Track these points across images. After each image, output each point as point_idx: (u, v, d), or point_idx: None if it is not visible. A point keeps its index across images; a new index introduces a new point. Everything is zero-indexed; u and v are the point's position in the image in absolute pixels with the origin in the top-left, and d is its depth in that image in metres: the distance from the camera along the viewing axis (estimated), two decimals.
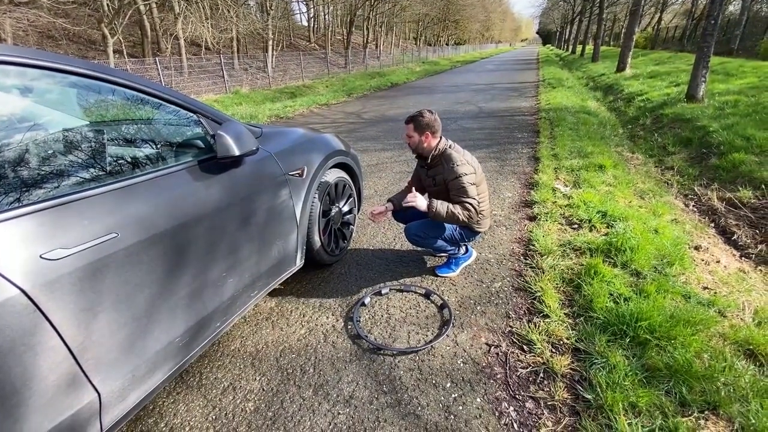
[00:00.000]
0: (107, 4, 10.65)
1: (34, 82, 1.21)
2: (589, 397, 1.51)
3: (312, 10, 24.97)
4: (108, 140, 1.54)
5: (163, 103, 1.48)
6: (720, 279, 2.32)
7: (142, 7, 11.71)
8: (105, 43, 9.64)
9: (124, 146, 1.59)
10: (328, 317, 2.09)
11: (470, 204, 2.03)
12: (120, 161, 1.42)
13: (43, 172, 1.16)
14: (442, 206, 2.04)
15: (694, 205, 3.65)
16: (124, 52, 12.43)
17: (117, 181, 1.25)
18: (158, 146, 1.61)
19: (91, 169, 1.28)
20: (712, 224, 3.28)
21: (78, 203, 1.12)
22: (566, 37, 45.12)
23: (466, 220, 2.07)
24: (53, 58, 1.14)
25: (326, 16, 26.29)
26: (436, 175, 2.15)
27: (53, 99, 1.45)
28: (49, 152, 1.29)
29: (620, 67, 12.81)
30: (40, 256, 1.00)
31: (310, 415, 1.53)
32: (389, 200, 2.43)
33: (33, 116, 1.38)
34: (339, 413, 1.53)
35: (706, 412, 1.42)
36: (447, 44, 45.97)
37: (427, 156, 2.16)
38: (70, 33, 12.76)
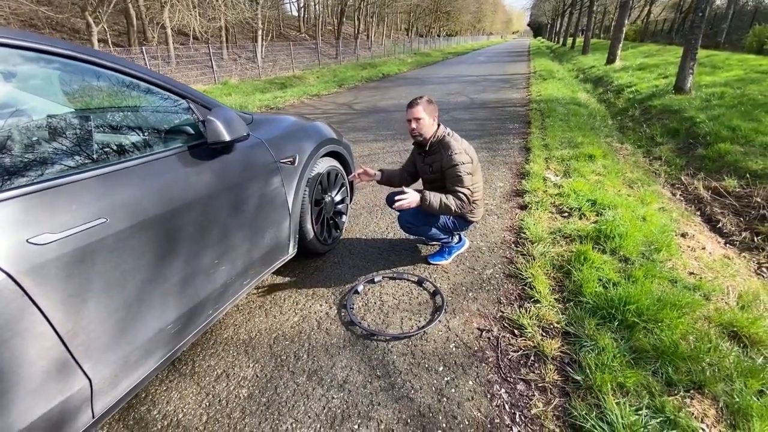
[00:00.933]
0: None
1: (18, 65, 1.17)
2: (579, 378, 1.54)
3: None
4: (96, 125, 1.50)
5: (152, 87, 1.46)
6: (705, 265, 2.37)
7: None
8: (89, 32, 9.40)
9: (113, 131, 1.55)
10: (321, 305, 2.09)
11: (463, 194, 2.04)
12: (109, 146, 1.39)
13: (29, 157, 1.13)
14: (435, 198, 2.03)
15: (681, 194, 3.72)
16: (109, 42, 12.13)
17: (106, 166, 1.22)
18: (147, 131, 1.58)
19: (79, 154, 1.25)
20: (698, 212, 3.34)
21: (66, 188, 1.10)
22: (557, 29, 45.19)
23: (458, 210, 2.08)
24: (40, 40, 1.11)
25: (316, 6, 25.95)
26: (433, 162, 2.15)
27: (41, 82, 1.41)
28: (37, 136, 1.26)
29: (610, 59, 12.89)
30: (27, 241, 0.98)
31: (305, 400, 1.53)
32: (381, 170, 2.39)
33: (21, 100, 1.34)
34: (333, 397, 1.54)
35: (692, 391, 1.46)
36: (439, 36, 45.72)
37: (426, 143, 2.15)
38: (53, 21, 12.39)
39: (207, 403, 1.54)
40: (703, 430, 1.33)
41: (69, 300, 1.06)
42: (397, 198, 2.02)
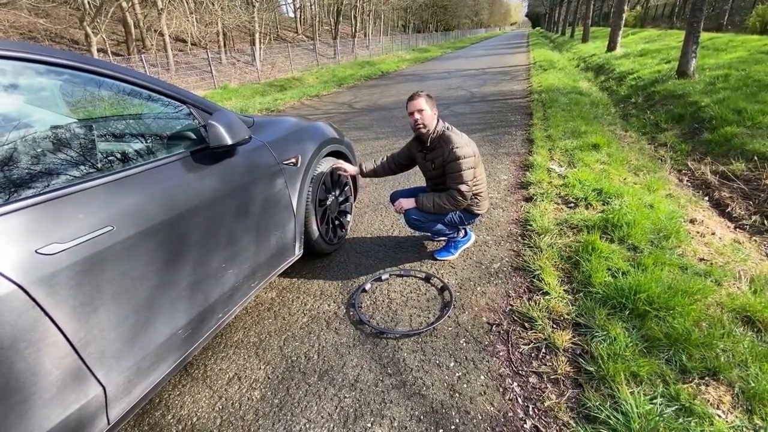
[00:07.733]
0: (88, 2, 10.40)
1: (20, 77, 1.18)
2: (591, 369, 1.53)
3: (298, 0, 24.58)
4: (99, 133, 1.51)
5: (153, 94, 1.46)
6: (715, 250, 2.34)
7: (124, 4, 11.47)
8: (88, 42, 9.46)
9: (116, 139, 1.56)
10: (329, 304, 2.10)
11: (458, 191, 2.05)
12: (112, 154, 1.40)
13: (35, 168, 1.14)
14: (428, 200, 2.14)
15: (687, 180, 3.68)
16: (108, 51, 12.20)
17: (110, 174, 1.23)
18: (150, 138, 1.58)
19: (84, 163, 1.26)
20: (706, 197, 3.30)
21: (72, 197, 1.10)
22: (555, 18, 44.76)
23: (453, 208, 2.12)
24: (41, 51, 1.12)
25: (313, 7, 25.90)
26: (435, 158, 2.14)
27: (44, 93, 1.42)
28: (41, 147, 1.27)
29: (610, 47, 12.74)
30: (36, 252, 0.98)
31: (317, 400, 1.54)
32: (360, 164, 2.48)
33: (25, 112, 1.35)
34: (345, 397, 1.54)
35: (707, 378, 1.45)
36: (436, 31, 45.51)
37: (427, 138, 2.14)
38: (51, 33, 12.49)
39: (220, 407, 1.55)
40: (719, 416, 1.32)
41: (80, 309, 1.07)
42: (395, 203, 2.26)
